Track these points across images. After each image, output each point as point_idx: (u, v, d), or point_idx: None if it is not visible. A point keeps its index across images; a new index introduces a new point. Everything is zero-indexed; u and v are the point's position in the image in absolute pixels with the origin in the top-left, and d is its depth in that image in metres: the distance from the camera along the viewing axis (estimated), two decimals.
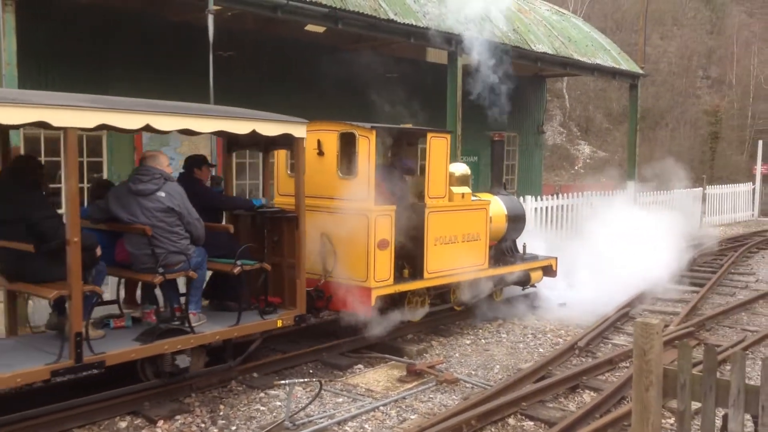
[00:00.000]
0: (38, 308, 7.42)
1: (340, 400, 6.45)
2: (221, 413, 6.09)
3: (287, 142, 7.04)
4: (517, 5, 16.30)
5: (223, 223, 7.80)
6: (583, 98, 45.79)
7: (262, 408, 6.22)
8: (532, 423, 6.04)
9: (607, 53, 17.84)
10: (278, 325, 6.96)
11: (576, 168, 40.66)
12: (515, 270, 9.83)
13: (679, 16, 51.14)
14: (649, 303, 11.00)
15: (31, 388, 5.99)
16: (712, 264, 14.41)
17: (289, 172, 8.52)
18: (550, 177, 35.45)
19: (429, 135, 8.34)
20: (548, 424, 5.96)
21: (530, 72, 18.80)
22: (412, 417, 6.05)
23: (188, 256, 6.38)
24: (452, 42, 12.57)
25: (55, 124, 5.18)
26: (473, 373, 7.39)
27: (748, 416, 3.13)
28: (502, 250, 10.00)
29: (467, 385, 6.95)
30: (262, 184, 8.91)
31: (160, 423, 5.82)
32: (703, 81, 50.27)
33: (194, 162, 7.47)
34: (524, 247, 10.39)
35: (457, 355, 7.99)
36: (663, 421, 6.10)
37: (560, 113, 43.64)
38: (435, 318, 9.01)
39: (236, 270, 6.65)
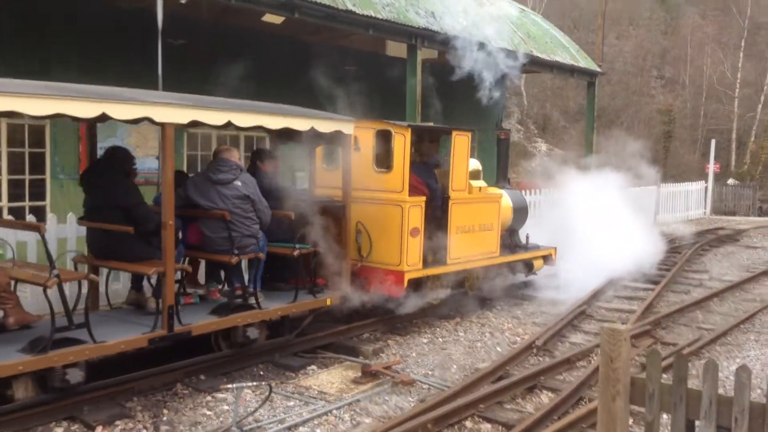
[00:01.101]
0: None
1: (292, 403, 6.18)
2: (164, 418, 5.78)
3: (336, 138, 7.62)
4: (478, 0, 16.19)
5: None
6: (540, 96, 46.10)
7: (208, 412, 5.92)
8: (489, 425, 5.88)
9: (566, 51, 17.85)
10: (327, 304, 7.69)
11: (533, 165, 40.91)
12: (522, 258, 10.67)
13: (635, 16, 51.85)
14: (605, 300, 10.98)
15: None
16: (666, 261, 14.51)
17: (325, 166, 9.21)
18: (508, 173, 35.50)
19: (454, 133, 9.02)
20: (506, 426, 5.81)
21: None
22: (366, 421, 5.83)
23: (258, 240, 7.12)
24: (412, 35, 12.36)
25: (157, 119, 5.75)
26: (430, 373, 7.20)
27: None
28: (508, 239, 10.68)
29: (424, 386, 6.76)
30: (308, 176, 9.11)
31: (99, 429, 5.49)
32: (657, 81, 51.10)
33: (258, 155, 8.17)
34: (527, 237, 11.12)
35: (413, 354, 7.79)
36: None
37: (518, 111, 43.87)
38: (392, 316, 8.82)
39: (296, 253, 7.31)
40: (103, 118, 5.44)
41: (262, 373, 7.06)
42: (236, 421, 5.47)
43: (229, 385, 5.61)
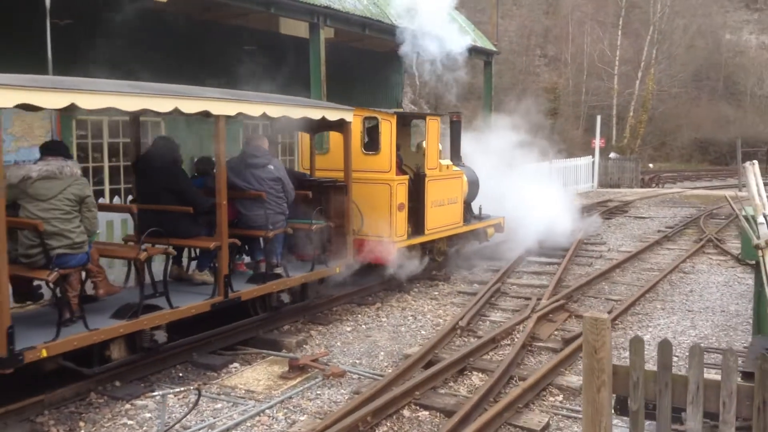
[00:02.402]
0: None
1: (219, 405, 5.83)
2: (82, 431, 5.32)
3: (338, 125, 8.61)
4: None
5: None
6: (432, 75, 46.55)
7: (129, 422, 5.48)
8: (427, 413, 5.76)
9: (463, 30, 17.94)
10: (337, 271, 8.66)
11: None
12: (479, 227, 11.78)
13: None
14: (515, 277, 11.17)
15: None
16: (564, 235, 14.89)
17: (316, 150, 9.95)
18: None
19: (428, 118, 10.19)
20: (443, 412, 5.72)
21: (387, 47, 18.58)
22: (302, 418, 5.57)
23: (285, 216, 8.03)
24: (314, 13, 12.00)
25: (214, 112, 6.55)
26: (358, 362, 7.02)
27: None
28: (465, 210, 11.50)
29: (354, 377, 6.56)
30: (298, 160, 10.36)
31: None
32: (541, 59, 52.78)
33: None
34: (480, 208, 12.08)
35: (338, 344, 7.58)
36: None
37: (410, 90, 44.11)
38: (312, 305, 8.59)
39: (314, 228, 8.26)
40: (175, 112, 6.31)
41: (181, 374, 6.64)
42: (163, 431, 5.09)
43: (155, 393, 5.20)
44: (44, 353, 5.32)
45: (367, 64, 18.42)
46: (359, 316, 8.66)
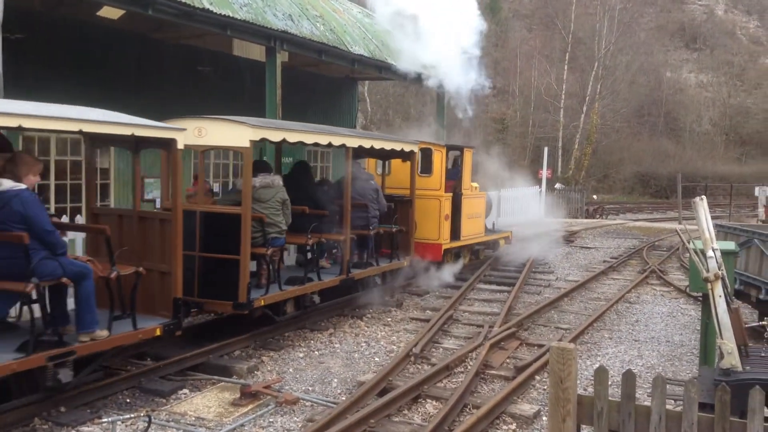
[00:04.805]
0: None
1: None
2: None
3: (407, 155, 11.39)
4: (331, 5, 16.06)
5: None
6: (383, 102, 46.92)
7: None
8: None
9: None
10: (404, 265, 11.31)
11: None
12: (494, 238, 15.19)
13: None
14: (467, 304, 11.23)
15: None
16: (514, 263, 15.12)
17: (377, 173, 12.41)
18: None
19: (465, 149, 13.33)
20: None
21: (343, 74, 18.69)
22: None
23: (378, 220, 10.64)
24: (271, 37, 11.98)
25: (348, 145, 9.44)
26: (311, 389, 6.93)
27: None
28: None
29: (307, 404, 6.47)
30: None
31: None
32: (489, 90, 53.70)
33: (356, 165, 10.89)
34: (494, 224, 15.72)
35: (291, 370, 7.48)
36: None
37: (362, 116, 44.31)
38: (265, 330, 8.49)
39: (395, 230, 11.05)
40: (329, 145, 9.11)
41: (128, 400, 6.44)
42: None
43: (103, 419, 5.03)
44: (262, 302, 7.94)
45: (322, 89, 18.48)
46: (312, 341, 8.57)
